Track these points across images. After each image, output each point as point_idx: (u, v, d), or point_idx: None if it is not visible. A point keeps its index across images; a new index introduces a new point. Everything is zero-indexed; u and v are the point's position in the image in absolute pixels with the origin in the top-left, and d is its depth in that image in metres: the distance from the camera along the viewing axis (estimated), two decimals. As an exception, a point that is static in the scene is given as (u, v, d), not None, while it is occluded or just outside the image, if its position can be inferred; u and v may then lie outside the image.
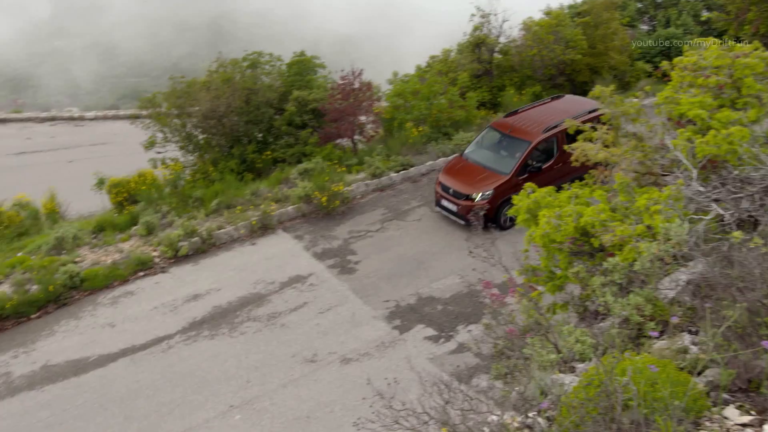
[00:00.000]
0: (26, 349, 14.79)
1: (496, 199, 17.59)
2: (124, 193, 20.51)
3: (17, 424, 12.94)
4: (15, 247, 18.40)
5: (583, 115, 17.78)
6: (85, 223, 19.56)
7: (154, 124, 21.37)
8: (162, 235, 17.94)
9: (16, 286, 15.96)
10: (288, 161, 21.36)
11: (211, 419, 12.84)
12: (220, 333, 15.03)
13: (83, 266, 17.02)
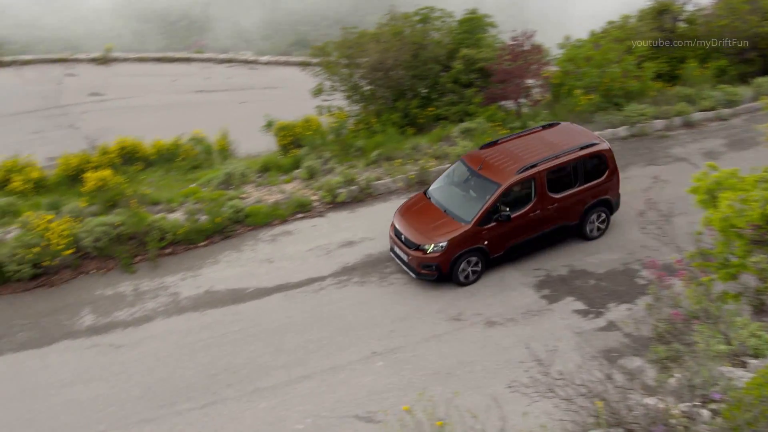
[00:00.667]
0: (193, 273, 15.87)
1: (450, 253, 14.56)
2: (290, 136, 21.27)
3: (182, 339, 14.00)
4: (189, 178, 19.67)
5: (569, 153, 15.27)
6: (252, 162, 20.53)
7: (323, 72, 21.92)
8: (322, 180, 18.52)
9: (188, 215, 17.10)
10: (450, 119, 21.27)
11: (354, 362, 13.26)
12: (370, 281, 15.40)
13: (248, 202, 17.90)
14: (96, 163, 19.59)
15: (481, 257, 14.93)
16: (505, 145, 15.92)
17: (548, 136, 16.03)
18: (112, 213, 16.90)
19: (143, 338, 14.10)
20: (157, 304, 14.98)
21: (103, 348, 13.88)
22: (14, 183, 18.81)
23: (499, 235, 14.86)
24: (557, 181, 15.29)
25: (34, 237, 15.49)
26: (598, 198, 15.77)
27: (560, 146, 15.49)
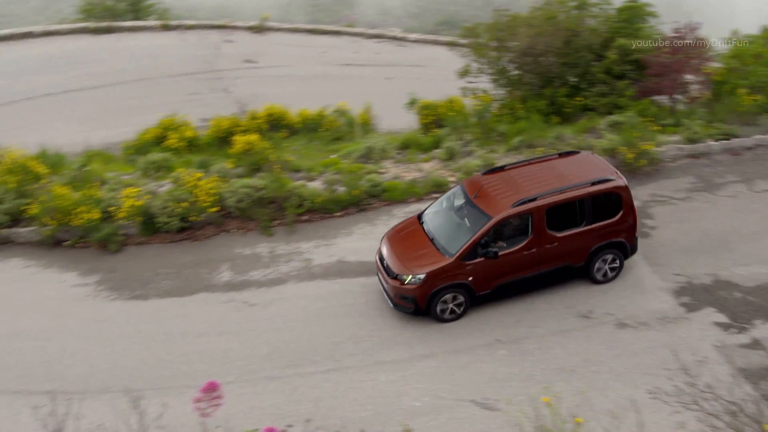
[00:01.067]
0: (327, 242, 16.25)
1: (429, 286, 13.36)
2: (432, 116, 21.26)
3: (311, 305, 14.41)
4: (331, 149, 20.12)
5: (577, 188, 13.80)
6: (393, 138, 20.69)
7: (471, 54, 21.67)
8: (461, 162, 18.41)
9: (326, 185, 17.51)
10: (598, 110, 20.49)
11: (476, 347, 13.20)
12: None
13: (385, 177, 18.08)
14: (245, 127, 20.39)
15: (465, 294, 13.63)
16: (511, 172, 14.52)
17: (561, 167, 14.50)
18: (256, 176, 17.57)
19: (275, 299, 14.62)
20: (290, 268, 15.47)
21: (238, 304, 14.52)
22: (170, 140, 19.93)
23: (487, 272, 13.51)
24: (560, 218, 13.71)
25: (184, 193, 16.37)
26: (608, 240, 14.10)
27: (570, 179, 13.92)
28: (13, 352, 13.34)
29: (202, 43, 31.21)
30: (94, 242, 16.09)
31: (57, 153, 18.94)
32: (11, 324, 14.08)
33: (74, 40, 31.23)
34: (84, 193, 16.44)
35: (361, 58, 30.68)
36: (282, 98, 22.76)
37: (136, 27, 32.90)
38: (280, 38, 32.77)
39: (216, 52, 30.17)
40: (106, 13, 35.14)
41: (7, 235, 16.43)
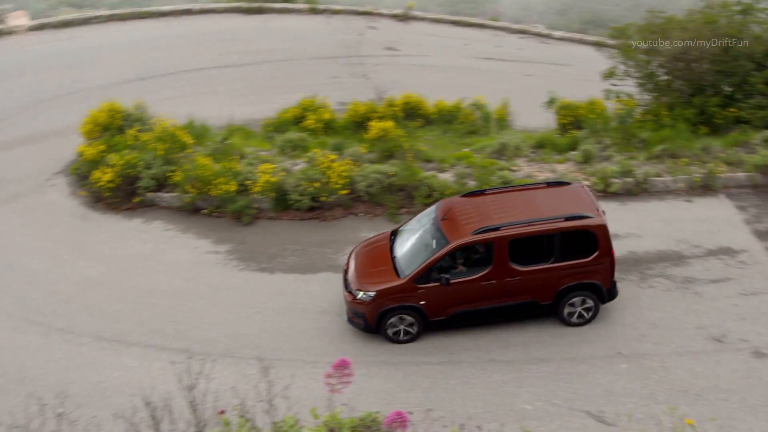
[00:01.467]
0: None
1: (378, 305, 12.88)
2: (571, 117, 20.67)
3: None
4: (464, 142, 19.99)
5: (548, 222, 12.80)
6: (528, 136, 20.30)
7: (618, 56, 20.88)
8: (597, 166, 17.82)
9: (457, 177, 17.43)
10: (753, 124, 19.22)
11: (596, 358, 12.80)
12: (629, 279, 14.61)
13: (517, 175, 17.78)
14: (381, 113, 20.60)
15: (418, 318, 13.07)
16: (488, 197, 13.80)
17: (542, 197, 13.63)
18: (388, 163, 17.73)
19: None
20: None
21: (359, 286, 14.72)
22: (308, 120, 20.45)
23: (441, 298, 12.90)
24: (526, 251, 12.85)
25: (317, 173, 16.78)
26: (580, 281, 13.10)
27: (544, 212, 13.06)
28: (149, 308, 14.18)
29: (347, 28, 31.81)
30: (229, 213, 16.80)
31: (203, 125, 19.90)
32: (149, 281, 14.97)
33: (227, 18, 32.66)
34: (224, 165, 17.18)
35: (502, 52, 30.27)
36: (420, 88, 22.83)
37: (285, 9, 33.94)
38: (423, 28, 32.88)
39: (359, 37, 30.66)
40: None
41: (152, 199, 17.45)
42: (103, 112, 19.23)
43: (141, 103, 20.09)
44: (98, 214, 17.27)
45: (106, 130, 19.05)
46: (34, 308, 14.19)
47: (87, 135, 19.03)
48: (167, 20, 32.56)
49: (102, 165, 17.46)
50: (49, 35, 30.76)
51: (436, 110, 21.70)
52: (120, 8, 33.44)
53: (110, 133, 18.94)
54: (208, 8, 33.87)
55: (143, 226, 16.88)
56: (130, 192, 17.41)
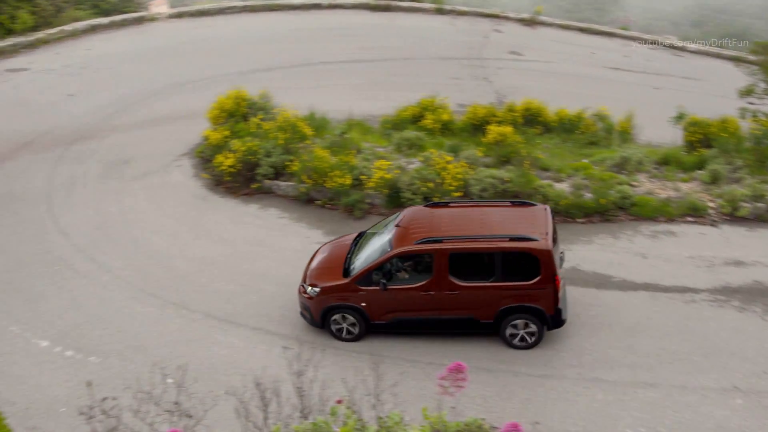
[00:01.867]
0: (564, 246, 15.66)
1: (322, 302, 13.08)
2: (700, 134, 19.72)
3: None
4: (583, 153, 19.46)
5: (489, 240, 12.62)
6: (652, 151, 19.55)
7: (759, 72, 19.75)
8: (725, 188, 16.93)
9: (574, 188, 16.99)
10: None
11: (708, 389, 12.11)
12: (751, 309, 13.80)
13: (637, 191, 17.16)
14: (500, 118, 20.36)
15: (359, 318, 13.15)
16: (448, 210, 13.83)
17: (500, 215, 13.47)
18: (503, 168, 17.50)
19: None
20: (521, 265, 15.25)
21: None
22: (426, 120, 20.48)
23: (381, 302, 12.98)
24: (468, 267, 12.72)
25: (432, 173, 16.76)
26: (522, 303, 12.70)
27: (494, 230, 12.87)
28: (258, 292, 14.59)
29: (471, 30, 31.66)
30: (342, 206, 17.06)
31: (323, 117, 20.31)
32: (260, 265, 15.40)
33: (355, 14, 33.23)
34: (340, 158, 17.46)
35: (630, 63, 29.30)
36: (541, 94, 22.42)
37: (412, 8, 34.17)
38: (550, 33, 32.29)
39: (483, 40, 30.45)
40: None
41: (269, 186, 17.97)
42: (229, 99, 19.98)
43: (265, 92, 20.72)
44: (217, 196, 17.95)
45: (231, 117, 19.78)
46: (152, 282, 14.90)
47: (213, 120, 19.82)
48: (297, 13, 33.48)
49: (225, 150, 18.13)
50: (186, 23, 32.32)
51: (556, 118, 21.23)
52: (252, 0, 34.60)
53: (235, 119, 19.66)
54: (337, 3, 34.55)
55: (259, 212, 17.40)
56: (249, 178, 17.99)
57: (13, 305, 14.20)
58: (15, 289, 14.76)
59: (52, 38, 29.13)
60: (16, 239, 16.41)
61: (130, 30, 31.13)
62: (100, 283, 14.89)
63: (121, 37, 30.24)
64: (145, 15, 32.82)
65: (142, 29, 31.33)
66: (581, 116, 21.16)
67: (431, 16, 33.53)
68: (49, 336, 13.40)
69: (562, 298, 12.90)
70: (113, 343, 13.20)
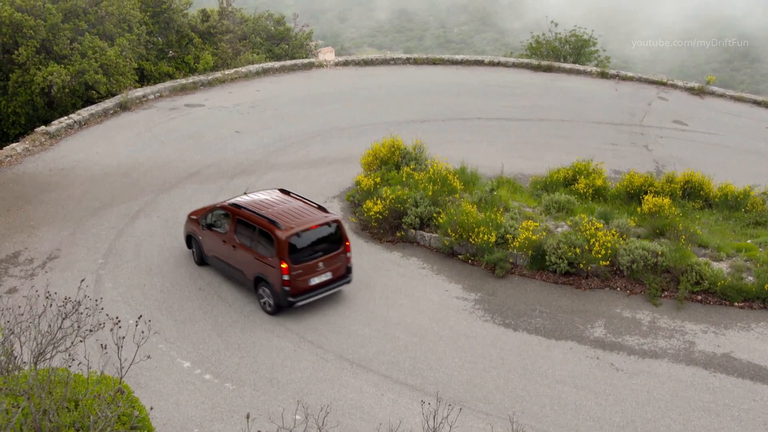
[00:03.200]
0: (717, 330, 14.76)
1: (186, 229, 17.72)
2: None
3: (682, 391, 13.20)
4: (748, 233, 18.21)
5: (259, 217, 15.70)
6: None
7: None
8: None
9: (733, 270, 15.90)
10: None
11: None
12: None
13: (806, 280, 15.78)
14: (657, 188, 19.54)
15: (197, 248, 17.21)
16: (278, 196, 16.87)
17: (290, 207, 16.16)
18: (657, 241, 16.71)
19: (643, 371, 13.74)
20: (668, 345, 14.40)
21: (603, 364, 13.96)
22: (579, 184, 19.99)
23: (207, 241, 16.80)
24: (247, 233, 15.83)
25: (580, 239, 16.28)
26: (261, 273, 15.39)
27: (269, 212, 15.74)
28: (392, 340, 14.64)
29: (635, 96, 30.81)
30: (484, 262, 16.89)
31: (473, 172, 20.36)
32: (397, 313, 15.48)
33: (516, 73, 33.35)
34: (487, 215, 17.36)
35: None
36: (705, 167, 21.32)
37: (575, 70, 33.81)
38: (719, 104, 30.80)
39: (646, 106, 29.52)
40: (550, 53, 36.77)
41: (414, 236, 18.14)
42: (384, 147, 20.49)
43: (419, 143, 21.09)
44: (362, 241, 18.32)
45: (383, 164, 20.26)
46: (290, 317, 15.36)
47: (366, 166, 20.38)
48: (458, 68, 34.06)
49: (374, 196, 18.54)
50: (351, 71, 33.73)
51: (720, 193, 20.05)
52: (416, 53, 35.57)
53: (387, 167, 20.10)
54: (498, 61, 34.84)
55: (401, 260, 17.58)
56: (394, 226, 18.26)
57: (165, 324, 15.07)
58: (168, 308, 15.68)
59: (227, 78, 31.30)
60: (174, 262, 17.49)
61: (298, 75, 32.87)
62: (243, 313, 15.53)
63: (289, 80, 31.99)
64: (313, 62, 34.58)
65: (310, 74, 32.99)
66: (748, 193, 19.85)
67: (594, 80, 32.98)
68: (191, 358, 14.08)
69: (290, 281, 14.99)
70: (249, 373, 13.65)
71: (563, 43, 37.43)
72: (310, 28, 44.04)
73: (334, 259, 15.64)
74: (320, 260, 15.40)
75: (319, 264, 15.39)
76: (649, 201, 18.08)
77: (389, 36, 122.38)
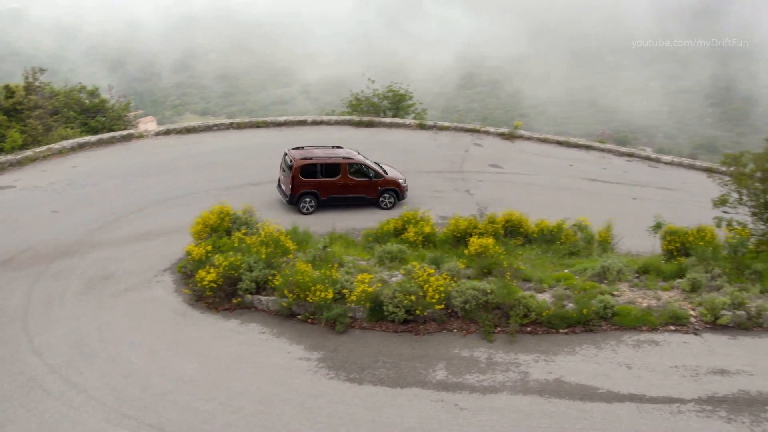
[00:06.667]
0: (547, 358, 15.65)
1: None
2: (678, 243, 20.00)
3: (522, 420, 13.82)
4: (564, 263, 19.61)
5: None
6: (632, 260, 19.73)
7: (731, 183, 20.26)
8: (705, 296, 17.00)
9: (555, 299, 17.00)
10: None
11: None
12: (740, 420, 13.59)
13: (618, 301, 17.19)
14: (481, 230, 20.60)
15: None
16: None
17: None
18: (486, 280, 17.55)
19: (485, 407, 14.23)
20: (505, 378, 15.06)
21: (448, 405, 14.32)
22: (408, 233, 20.67)
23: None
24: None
25: (414, 286, 16.77)
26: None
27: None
28: (238, 411, 14.20)
29: (453, 144, 32.53)
30: (324, 320, 16.92)
31: (305, 231, 20.48)
32: (240, 382, 15.07)
33: (339, 130, 34.14)
34: (322, 272, 17.47)
35: (608, 174, 30.04)
36: (521, 205, 22.82)
37: (395, 123, 35.21)
38: (529, 147, 33.20)
39: (464, 153, 31.23)
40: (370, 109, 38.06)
41: (251, 301, 17.86)
42: (213, 214, 20.17)
43: (249, 207, 20.96)
44: (198, 312, 17.77)
45: (214, 232, 19.91)
46: (128, 401, 14.50)
47: (196, 235, 19.93)
48: (282, 130, 34.36)
49: (207, 265, 18.12)
50: (173, 140, 33.02)
51: (537, 229, 21.51)
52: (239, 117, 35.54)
53: (218, 234, 19.77)
54: (321, 120, 35.55)
55: (239, 327, 17.21)
56: (230, 293, 17.90)
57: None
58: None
59: (39, 156, 29.57)
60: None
61: (118, 147, 31.70)
62: (73, 405, 14.44)
63: (107, 154, 30.75)
64: (133, 133, 33.54)
65: (130, 146, 31.93)
66: (561, 227, 21.45)
67: (413, 131, 34.49)
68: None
69: None
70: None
71: (382, 99, 38.92)
72: (128, 98, 42.81)
73: None
74: None
75: None
76: (475, 242, 18.99)
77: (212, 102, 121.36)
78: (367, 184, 25.04)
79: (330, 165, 24.73)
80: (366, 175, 25.04)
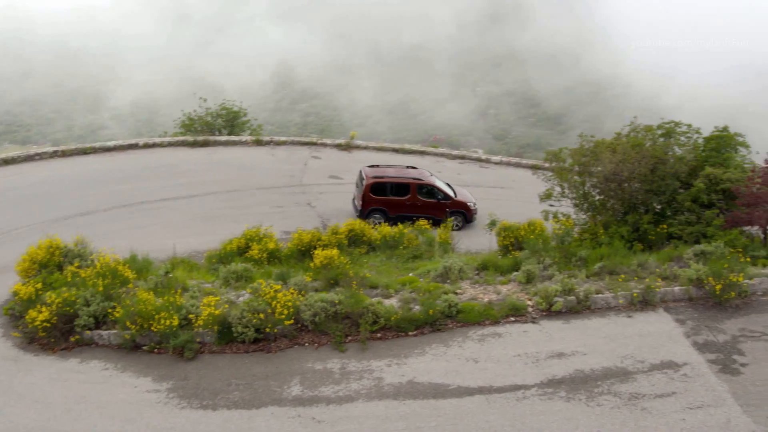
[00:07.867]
0: (399, 361, 16.00)
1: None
2: (512, 238, 21.17)
3: (379, 425, 14.02)
4: (408, 267, 20.18)
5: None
6: (471, 258, 20.63)
7: (554, 178, 21.73)
8: (540, 286, 18.07)
9: (402, 303, 17.43)
10: (684, 239, 19.98)
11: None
12: (577, 398, 14.55)
13: (462, 298, 17.88)
14: (325, 241, 20.77)
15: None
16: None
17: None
18: (333, 291, 17.68)
19: (343, 417, 14.32)
20: (360, 386, 15.23)
21: (305, 420, 14.28)
22: (252, 251, 20.44)
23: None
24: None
25: (262, 304, 16.59)
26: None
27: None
28: (83, 455, 13.41)
29: (291, 158, 32.53)
30: (171, 348, 16.33)
31: (145, 258, 19.68)
32: (84, 426, 14.22)
33: (173, 152, 33.14)
34: (166, 299, 16.88)
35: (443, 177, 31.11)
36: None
37: (231, 141, 34.69)
38: (366, 156, 33.80)
39: (303, 167, 31.33)
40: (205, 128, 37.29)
41: (90, 337, 16.89)
42: (41, 249, 18.91)
43: (81, 238, 19.83)
44: (31, 355, 16.58)
45: (43, 267, 18.67)
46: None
47: (23, 273, 18.60)
48: (112, 155, 32.85)
49: (38, 303, 16.96)
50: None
51: (379, 236, 21.97)
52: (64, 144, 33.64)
53: (48, 270, 18.57)
54: (154, 142, 34.36)
55: (80, 366, 16.23)
56: (66, 331, 16.84)
57: None
58: None
59: None
60: None
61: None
62: None
63: None
64: (-57, 168, 30.81)
65: (-60, 184, 29.30)
66: (402, 232, 22.04)
67: (251, 148, 34.15)
68: None
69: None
70: None
71: (215, 117, 38.25)
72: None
73: None
74: None
75: None
76: (320, 255, 19.10)
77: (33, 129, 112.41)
78: (435, 204, 26.25)
79: (399, 184, 26.12)
80: (435, 197, 26.38)
